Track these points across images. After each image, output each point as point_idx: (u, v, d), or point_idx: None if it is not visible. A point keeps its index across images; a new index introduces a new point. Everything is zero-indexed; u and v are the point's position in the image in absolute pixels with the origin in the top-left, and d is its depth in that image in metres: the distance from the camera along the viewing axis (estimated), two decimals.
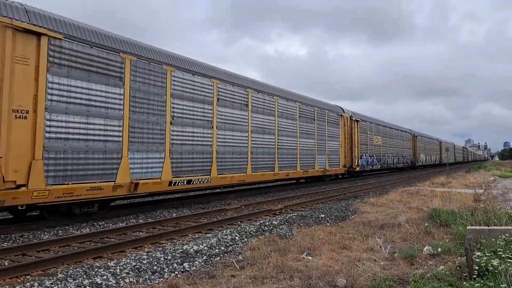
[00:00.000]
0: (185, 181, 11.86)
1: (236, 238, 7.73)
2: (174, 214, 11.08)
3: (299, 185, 21.18)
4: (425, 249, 6.25)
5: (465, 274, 4.79)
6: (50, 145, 8.37)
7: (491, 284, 4.19)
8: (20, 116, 7.88)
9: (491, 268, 4.53)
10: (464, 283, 4.44)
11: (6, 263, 6.08)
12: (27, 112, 8.00)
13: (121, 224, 9.37)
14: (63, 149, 8.63)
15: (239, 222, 9.76)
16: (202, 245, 7.02)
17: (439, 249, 6.14)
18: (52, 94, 8.47)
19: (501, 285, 4.09)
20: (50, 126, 8.41)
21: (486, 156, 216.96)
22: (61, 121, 8.65)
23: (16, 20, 7.87)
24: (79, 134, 8.98)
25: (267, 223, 9.29)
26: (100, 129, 9.41)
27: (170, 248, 6.83)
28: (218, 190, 17.50)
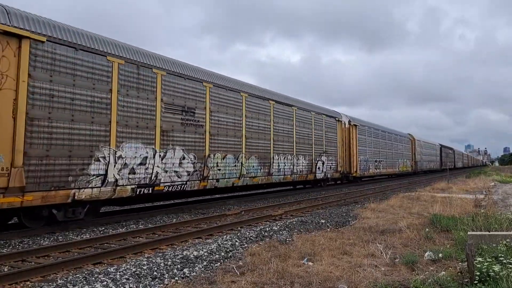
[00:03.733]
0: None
1: (236, 243, 7.71)
2: (174, 219, 11.05)
3: (299, 191, 21.15)
4: (426, 254, 6.23)
5: (466, 280, 4.77)
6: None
7: None
8: None
9: (493, 273, 4.52)
10: None
11: (6, 269, 6.06)
12: None
13: (121, 230, 9.35)
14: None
15: (239, 228, 9.73)
16: (202, 250, 7.00)
17: (440, 255, 6.12)
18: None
19: None
20: None
21: (484, 161, 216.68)
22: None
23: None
24: None
25: (267, 229, 9.26)
26: None
27: (170, 254, 6.81)
28: (217, 196, 17.48)
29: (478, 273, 4.60)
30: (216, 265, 6.16)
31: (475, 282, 4.53)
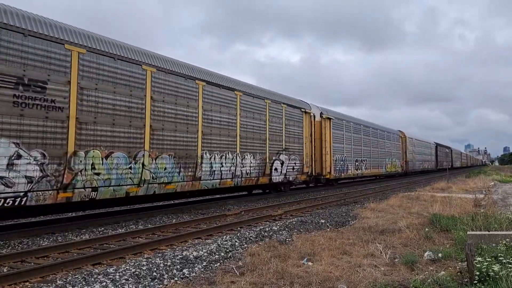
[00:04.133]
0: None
1: (236, 244, 7.70)
2: (174, 220, 11.05)
3: (299, 191, 21.14)
4: (425, 254, 6.23)
5: (466, 280, 4.77)
6: None
7: None
8: None
9: (492, 273, 4.51)
10: None
11: (5, 270, 6.05)
12: None
13: (120, 230, 9.34)
14: None
15: (239, 228, 9.73)
16: (202, 251, 7.00)
17: (440, 255, 6.12)
18: None
19: None
20: None
21: (484, 160, 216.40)
22: None
23: None
24: None
25: (267, 229, 9.26)
26: None
27: (170, 254, 6.80)
28: (218, 196, 17.47)
29: (477, 273, 4.60)
30: (215, 265, 6.15)
31: (475, 282, 4.53)
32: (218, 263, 6.26)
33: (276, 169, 17.43)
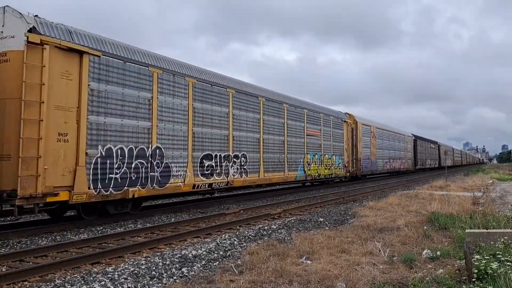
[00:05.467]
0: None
1: (235, 242, 7.71)
2: (173, 219, 11.04)
3: (298, 189, 21.15)
4: (424, 252, 6.24)
5: (465, 278, 4.78)
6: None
7: (490, 287, 4.18)
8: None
9: (490, 271, 4.52)
10: (464, 286, 4.43)
11: (4, 270, 6.04)
12: None
13: (119, 229, 9.33)
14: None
15: (238, 227, 9.73)
16: (201, 249, 7.00)
17: (438, 253, 6.13)
18: None
19: None
20: None
21: (482, 159, 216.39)
22: None
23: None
24: None
25: (266, 228, 9.27)
26: None
27: (169, 253, 6.80)
28: (217, 195, 17.47)
29: (476, 271, 4.61)
30: (214, 264, 6.16)
31: (473, 279, 4.53)
32: (217, 262, 6.27)
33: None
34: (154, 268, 5.91)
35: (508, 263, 4.77)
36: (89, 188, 9.12)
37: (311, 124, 21.08)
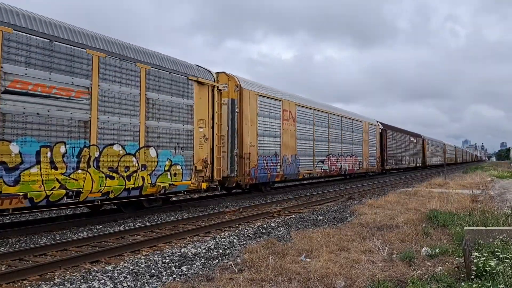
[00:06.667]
0: None
1: (234, 241, 7.72)
2: (172, 217, 11.04)
3: (298, 187, 21.16)
4: (423, 250, 6.26)
5: (463, 275, 4.80)
6: None
7: (489, 284, 4.20)
8: None
9: (489, 268, 4.54)
10: (462, 284, 4.45)
11: (3, 268, 6.04)
12: None
13: (118, 228, 9.33)
14: None
15: (237, 225, 9.74)
16: (200, 248, 7.01)
17: (437, 250, 6.14)
18: None
19: (499, 286, 4.10)
20: None
21: (480, 156, 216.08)
22: None
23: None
24: None
25: (265, 226, 9.28)
26: None
27: (168, 252, 6.81)
28: (216, 193, 17.46)
29: (474, 268, 4.63)
30: (214, 262, 6.17)
31: (472, 277, 4.55)
32: (217, 260, 6.27)
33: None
34: (153, 266, 5.92)
35: (506, 261, 4.79)
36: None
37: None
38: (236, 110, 15.07)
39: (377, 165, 31.41)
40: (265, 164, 16.62)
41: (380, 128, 33.61)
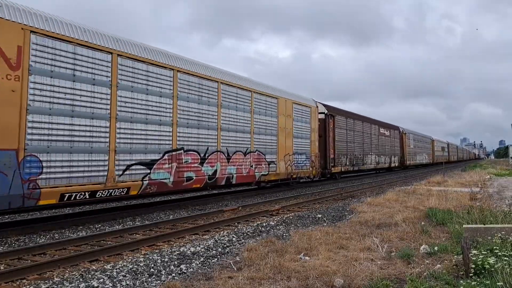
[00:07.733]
0: None
1: (233, 239, 7.72)
2: (171, 216, 11.05)
3: (296, 186, 21.17)
4: (421, 248, 6.27)
5: (462, 273, 4.81)
6: None
7: (487, 282, 4.21)
8: None
9: (488, 266, 4.55)
10: (461, 281, 4.45)
11: (2, 267, 6.04)
12: None
13: (117, 227, 9.33)
14: None
15: (236, 223, 9.74)
16: (199, 246, 7.01)
17: (436, 248, 6.15)
18: None
19: (497, 283, 4.11)
20: None
21: (479, 154, 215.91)
22: None
23: None
24: None
25: (264, 224, 9.28)
26: None
27: (167, 250, 6.81)
28: (215, 191, 17.47)
29: (473, 266, 4.64)
30: (213, 261, 6.17)
31: (470, 274, 4.56)
32: (216, 259, 6.28)
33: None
34: (152, 265, 5.92)
35: (505, 258, 4.80)
36: None
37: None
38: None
39: (312, 167, 20.62)
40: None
41: (323, 113, 23.13)
